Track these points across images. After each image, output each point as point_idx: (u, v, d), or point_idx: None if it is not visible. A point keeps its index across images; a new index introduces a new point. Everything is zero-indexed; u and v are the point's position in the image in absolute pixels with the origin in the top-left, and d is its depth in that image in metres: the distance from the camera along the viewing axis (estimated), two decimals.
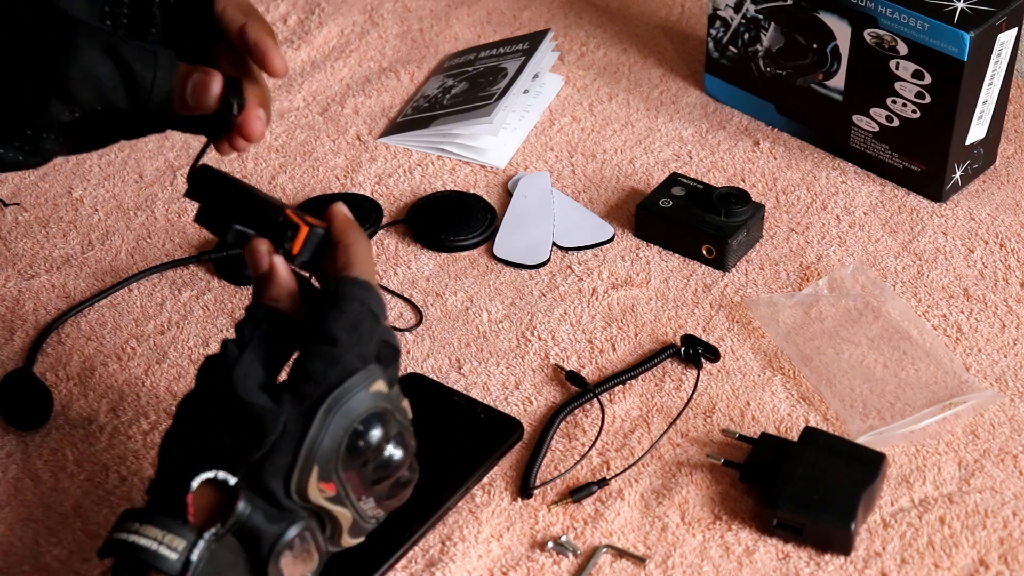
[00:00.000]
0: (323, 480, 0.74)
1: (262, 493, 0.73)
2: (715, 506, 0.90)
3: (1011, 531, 0.88)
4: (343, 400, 0.75)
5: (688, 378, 0.99)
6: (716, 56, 1.24)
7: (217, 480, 0.73)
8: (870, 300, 1.04)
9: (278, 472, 0.73)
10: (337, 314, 0.77)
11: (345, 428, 0.75)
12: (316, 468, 0.74)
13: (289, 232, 0.81)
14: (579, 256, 1.10)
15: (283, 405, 0.74)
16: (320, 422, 0.74)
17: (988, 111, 1.13)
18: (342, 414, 0.75)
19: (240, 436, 0.74)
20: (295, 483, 0.74)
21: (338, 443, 0.75)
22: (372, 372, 0.76)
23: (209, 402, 0.75)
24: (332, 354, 0.76)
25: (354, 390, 0.75)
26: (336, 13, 1.38)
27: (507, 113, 1.22)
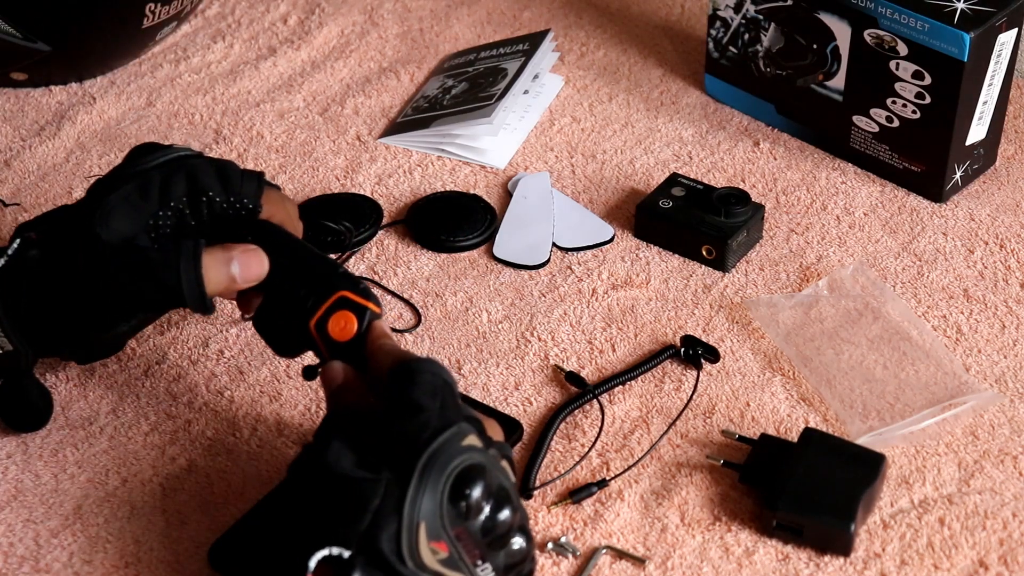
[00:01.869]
0: (433, 539, 0.74)
1: (378, 563, 0.73)
2: (715, 507, 0.90)
3: (1011, 532, 0.88)
4: (438, 456, 0.75)
5: (688, 379, 0.99)
6: (716, 56, 1.24)
7: (332, 556, 0.73)
8: (870, 301, 1.04)
9: (389, 538, 0.74)
10: (415, 386, 0.79)
11: (444, 480, 0.75)
12: (423, 525, 0.74)
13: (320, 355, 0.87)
14: (579, 256, 1.10)
15: (382, 473, 0.75)
16: (418, 478, 0.75)
17: (988, 112, 1.13)
18: (438, 468, 0.75)
19: (345, 509, 0.74)
20: (406, 545, 0.74)
21: (440, 497, 0.75)
22: (463, 428, 0.77)
23: (308, 488, 0.76)
24: (420, 418, 0.77)
25: (447, 445, 0.76)
26: (336, 13, 1.38)
27: (507, 113, 1.22)
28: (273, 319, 0.89)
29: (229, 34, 1.36)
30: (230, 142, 1.22)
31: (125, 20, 1.24)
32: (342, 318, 0.87)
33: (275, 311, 0.89)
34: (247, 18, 1.38)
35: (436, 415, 0.77)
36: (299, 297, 0.88)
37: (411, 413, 0.77)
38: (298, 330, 0.88)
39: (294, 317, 0.88)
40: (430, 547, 0.74)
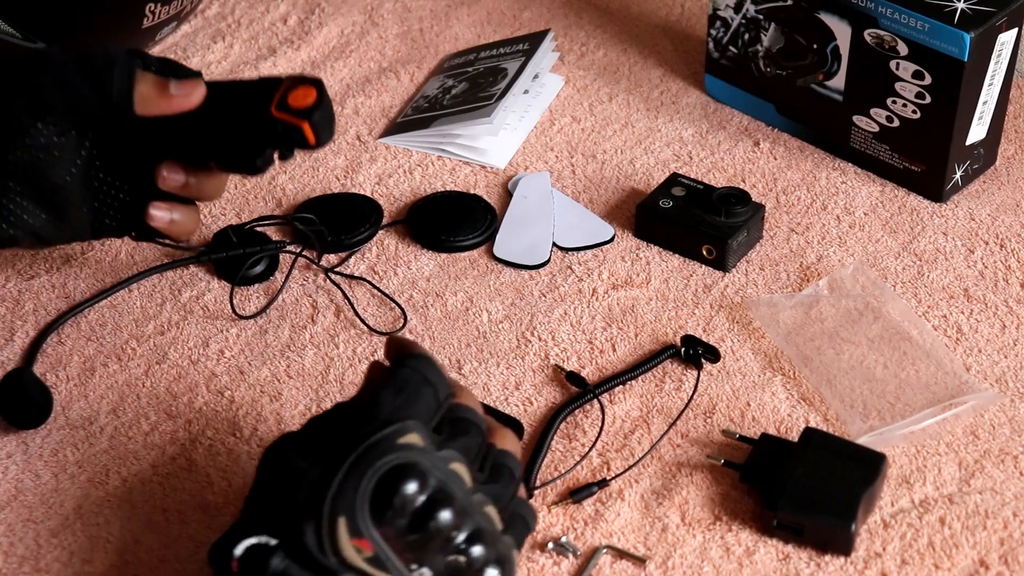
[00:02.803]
0: (354, 536, 0.72)
1: (302, 555, 0.72)
2: (715, 507, 0.90)
3: (1011, 532, 0.88)
4: (370, 452, 0.73)
5: (688, 379, 0.99)
6: (716, 56, 1.24)
7: (259, 545, 0.72)
8: (870, 300, 1.04)
9: (312, 531, 0.72)
10: (387, 381, 0.77)
11: (369, 477, 0.73)
12: (343, 520, 0.72)
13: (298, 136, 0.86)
14: (579, 256, 1.10)
15: (317, 465, 0.74)
16: (344, 473, 0.73)
17: (988, 111, 1.13)
18: (366, 464, 0.73)
19: (277, 497, 0.74)
20: (326, 538, 0.72)
21: (363, 493, 0.73)
22: (406, 426, 0.75)
23: (259, 475, 0.76)
24: (370, 413, 0.75)
25: (382, 442, 0.74)
26: (336, 13, 1.38)
27: (507, 113, 1.22)
28: (227, 122, 0.89)
29: (229, 34, 1.36)
30: None
31: (125, 20, 1.24)
32: (301, 91, 0.87)
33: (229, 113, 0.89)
34: (247, 18, 1.38)
35: (389, 411, 0.75)
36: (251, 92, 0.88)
37: (366, 407, 0.76)
38: (258, 122, 0.87)
39: (253, 109, 0.87)
40: (352, 544, 0.72)
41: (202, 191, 0.95)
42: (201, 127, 0.91)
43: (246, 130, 0.89)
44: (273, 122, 0.88)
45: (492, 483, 0.77)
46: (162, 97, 0.89)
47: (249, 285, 1.07)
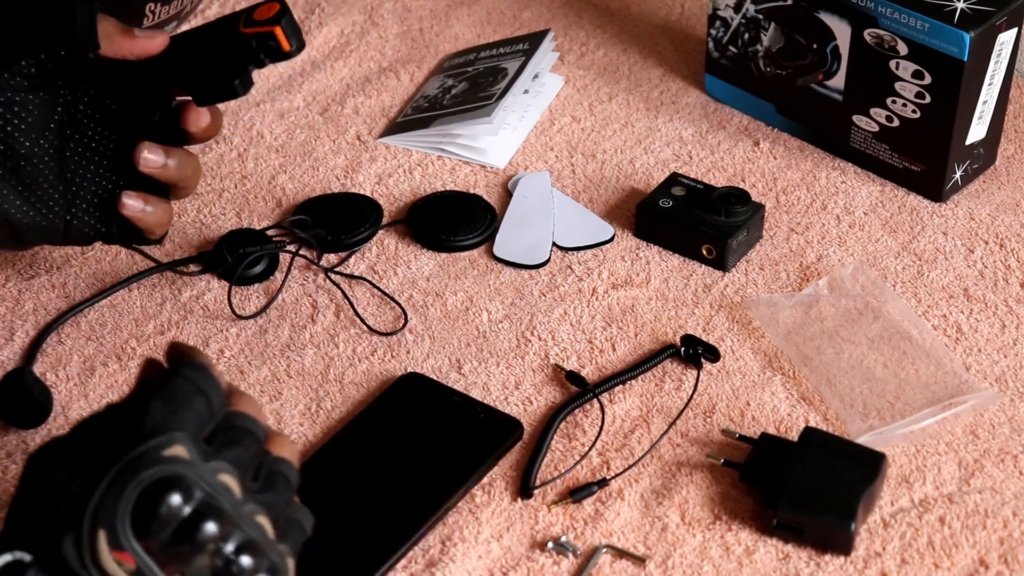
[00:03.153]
0: (115, 549, 0.69)
1: (59, 568, 0.69)
2: (715, 506, 0.90)
3: (1011, 531, 0.88)
4: (135, 464, 0.70)
5: (688, 378, 0.99)
6: (716, 56, 1.24)
7: (14, 561, 0.69)
8: (870, 300, 1.04)
9: (70, 544, 0.69)
10: (156, 391, 0.74)
11: (131, 490, 0.70)
12: (103, 533, 0.69)
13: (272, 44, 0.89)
14: (579, 256, 1.10)
15: (79, 475, 0.70)
16: (106, 485, 0.70)
17: (988, 111, 1.13)
18: (129, 476, 0.70)
19: (37, 509, 0.70)
20: (87, 551, 0.69)
21: (124, 506, 0.70)
22: (172, 437, 0.72)
23: (21, 485, 0.72)
24: (135, 424, 0.72)
25: (148, 454, 0.71)
26: (336, 13, 1.38)
27: (507, 113, 1.22)
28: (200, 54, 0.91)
29: None
30: (230, 142, 1.22)
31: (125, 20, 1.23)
32: (264, 7, 0.90)
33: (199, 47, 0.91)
34: None
35: (156, 421, 0.72)
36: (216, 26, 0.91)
37: (134, 416, 0.72)
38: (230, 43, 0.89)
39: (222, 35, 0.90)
40: (114, 558, 0.69)
41: (181, 172, 0.96)
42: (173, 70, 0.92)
43: (220, 54, 0.90)
44: (245, 38, 0.89)
45: (266, 491, 0.75)
46: (125, 36, 0.90)
47: (249, 285, 1.07)
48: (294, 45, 0.89)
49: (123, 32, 0.90)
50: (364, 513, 0.89)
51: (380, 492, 0.90)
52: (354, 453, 0.93)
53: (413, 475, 0.91)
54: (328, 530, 0.87)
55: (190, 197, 1.15)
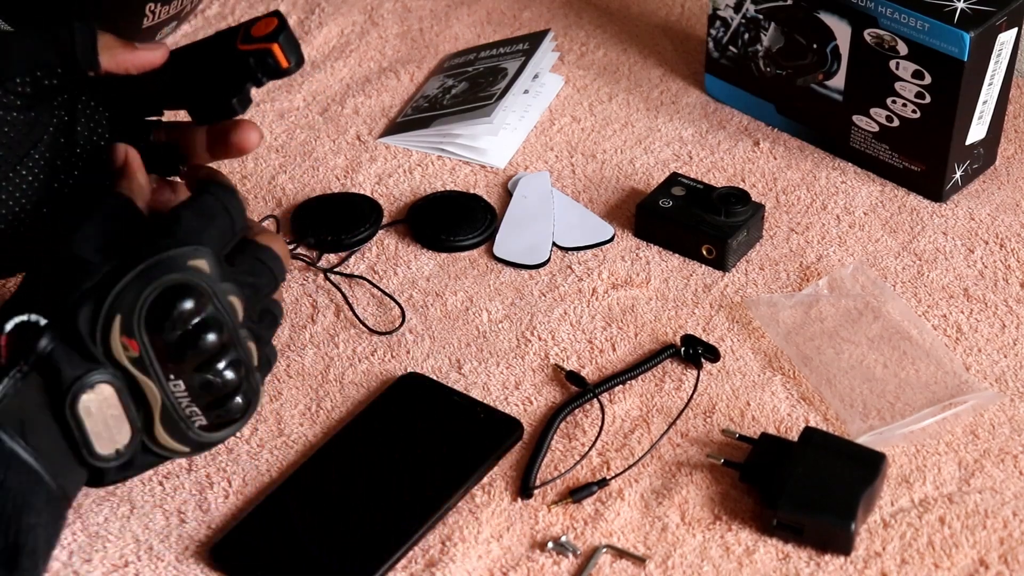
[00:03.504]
0: (125, 334, 0.77)
1: (71, 336, 0.76)
2: (715, 506, 0.90)
3: (1011, 531, 0.88)
4: (162, 264, 0.78)
5: (688, 378, 0.99)
6: (716, 56, 1.24)
7: (28, 323, 0.76)
8: (870, 300, 1.04)
9: (86, 319, 0.77)
10: (189, 202, 0.83)
11: (153, 287, 0.78)
12: (119, 317, 0.77)
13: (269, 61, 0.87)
14: (579, 256, 1.10)
15: (108, 262, 0.78)
16: (132, 277, 0.78)
17: (988, 111, 1.13)
18: (155, 274, 0.78)
19: (59, 282, 0.78)
20: (100, 328, 0.77)
21: (143, 299, 0.78)
22: (199, 251, 0.80)
23: (43, 253, 0.80)
24: (168, 228, 0.80)
25: (175, 258, 0.79)
26: (336, 13, 1.38)
27: (507, 113, 1.22)
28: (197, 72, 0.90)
29: None
30: None
31: (125, 20, 1.24)
32: (262, 23, 0.88)
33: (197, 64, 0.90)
34: (247, 18, 1.37)
35: (186, 230, 0.80)
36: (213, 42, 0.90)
37: (169, 221, 0.81)
38: (227, 61, 0.88)
39: (220, 52, 0.89)
40: (121, 341, 0.77)
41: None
42: (172, 88, 0.91)
43: (218, 72, 0.89)
44: (243, 56, 0.88)
45: (259, 324, 0.84)
46: (126, 50, 0.90)
47: None
48: (292, 62, 0.88)
49: (123, 46, 0.90)
50: (364, 513, 0.89)
51: (380, 492, 0.90)
52: (354, 453, 0.93)
53: (413, 475, 0.91)
54: (328, 530, 0.87)
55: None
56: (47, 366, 0.76)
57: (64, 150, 0.91)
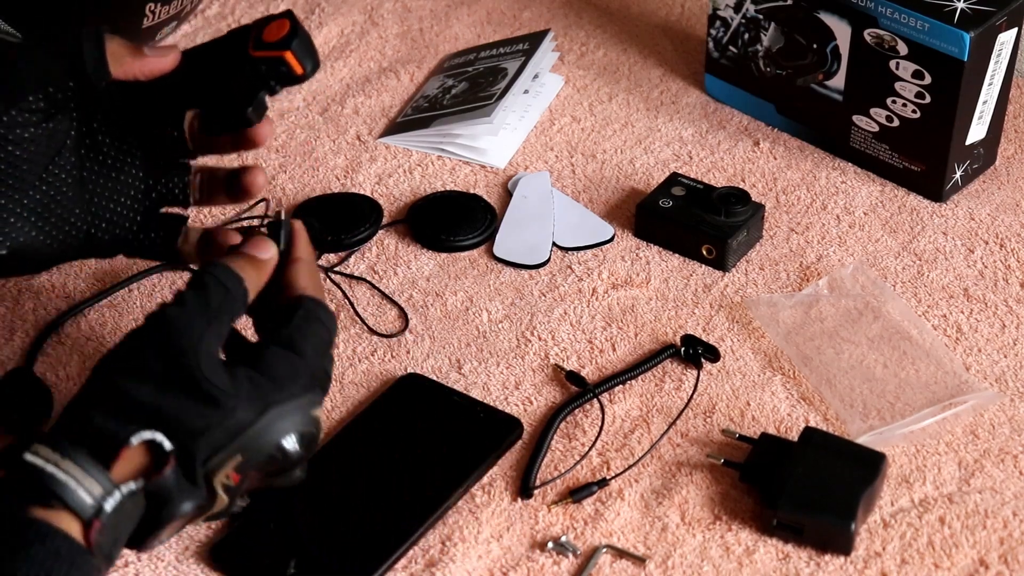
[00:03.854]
0: (237, 470, 0.76)
1: (184, 459, 0.74)
2: (715, 506, 0.90)
3: (1011, 531, 0.88)
4: (293, 412, 0.77)
5: (688, 378, 0.99)
6: (716, 56, 1.24)
7: (154, 441, 0.73)
8: (870, 300, 1.04)
9: (207, 447, 0.74)
10: (309, 330, 0.81)
11: (281, 435, 0.77)
12: (240, 457, 0.76)
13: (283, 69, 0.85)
14: (579, 256, 1.10)
15: (240, 390, 0.76)
16: (266, 421, 0.76)
17: (988, 111, 1.13)
18: (284, 423, 0.77)
19: (191, 407, 0.75)
20: (215, 461, 0.75)
21: (270, 445, 0.77)
22: (319, 397, 0.80)
23: (169, 363, 0.75)
24: (297, 365, 0.79)
25: (303, 406, 0.78)
26: (336, 13, 1.38)
27: (507, 113, 1.22)
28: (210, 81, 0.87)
29: None
30: None
31: (125, 20, 1.24)
32: (274, 26, 0.85)
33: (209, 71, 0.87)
34: (247, 18, 1.38)
35: (310, 370, 0.79)
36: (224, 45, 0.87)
37: (292, 352, 0.79)
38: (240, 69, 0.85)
39: (231, 59, 0.86)
40: (228, 474, 0.76)
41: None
42: (184, 95, 0.88)
43: (230, 81, 0.86)
44: (255, 63, 0.85)
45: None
46: (135, 56, 0.87)
47: None
48: (307, 68, 0.85)
49: (133, 52, 0.87)
50: (364, 513, 0.89)
51: (380, 492, 0.90)
52: (354, 453, 0.93)
53: (413, 475, 0.91)
54: (328, 530, 0.87)
55: None
56: (157, 492, 0.74)
57: (90, 150, 0.89)
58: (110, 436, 0.73)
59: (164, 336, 0.76)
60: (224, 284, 0.79)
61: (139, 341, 0.77)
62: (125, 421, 0.73)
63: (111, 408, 0.74)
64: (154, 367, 0.75)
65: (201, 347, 0.76)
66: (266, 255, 0.83)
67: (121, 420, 0.73)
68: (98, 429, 0.73)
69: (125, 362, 0.76)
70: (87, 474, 0.71)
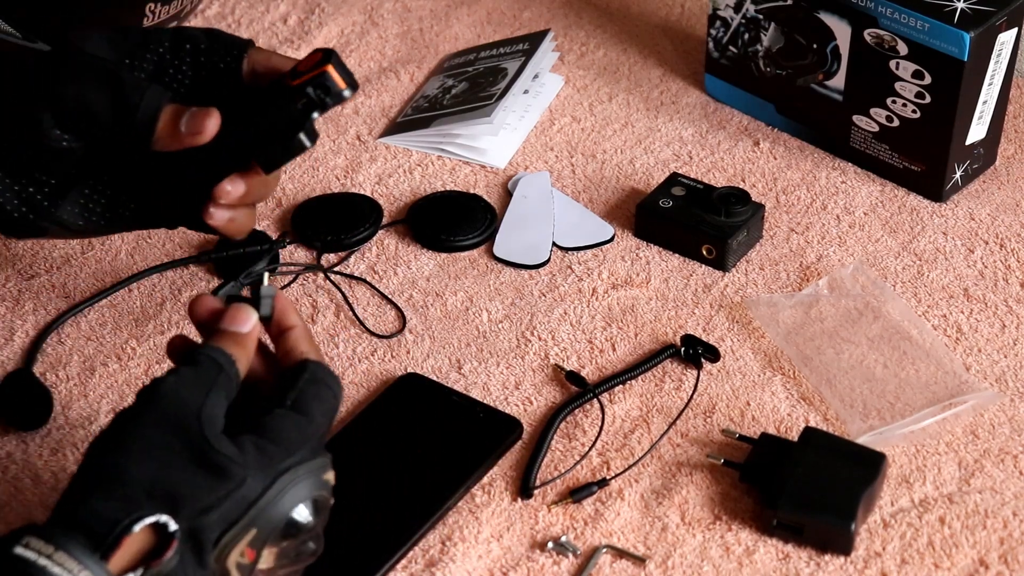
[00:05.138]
0: (251, 546, 0.72)
1: (193, 542, 0.70)
2: (715, 506, 0.90)
3: (1011, 531, 0.88)
4: (304, 477, 0.74)
5: (688, 378, 0.99)
6: (716, 56, 1.24)
7: (158, 524, 0.69)
8: (870, 300, 1.04)
9: (218, 524, 0.70)
10: (315, 393, 0.76)
11: (294, 504, 0.73)
12: (254, 532, 0.72)
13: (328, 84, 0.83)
14: (579, 256, 1.10)
15: (247, 457, 0.72)
16: (278, 489, 0.72)
17: (988, 111, 1.13)
18: (297, 490, 0.73)
19: (199, 480, 0.70)
20: (227, 540, 0.71)
21: (283, 516, 0.73)
22: (327, 462, 0.76)
23: (172, 433, 0.71)
24: (306, 429, 0.75)
25: (314, 471, 0.74)
26: (336, 13, 1.38)
27: (507, 113, 1.22)
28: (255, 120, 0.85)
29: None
30: None
31: (125, 20, 1.24)
32: (307, 59, 0.84)
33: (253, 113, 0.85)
34: (247, 18, 1.38)
35: (319, 436, 0.76)
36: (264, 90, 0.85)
37: (299, 415, 0.75)
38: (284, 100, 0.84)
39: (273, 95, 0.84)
40: (242, 552, 0.72)
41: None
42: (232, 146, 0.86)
43: (276, 114, 0.84)
44: (299, 88, 0.83)
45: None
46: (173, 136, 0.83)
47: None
48: (349, 82, 0.83)
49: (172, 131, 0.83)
50: (364, 513, 0.89)
51: (380, 492, 0.90)
52: (354, 453, 0.93)
53: (413, 475, 0.91)
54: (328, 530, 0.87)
55: None
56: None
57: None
58: (109, 522, 0.68)
59: (163, 407, 0.72)
60: (216, 360, 0.75)
61: (135, 416, 0.72)
62: (125, 503, 0.68)
63: (109, 490, 0.69)
64: (154, 440, 0.71)
65: (203, 414, 0.72)
66: (246, 327, 0.78)
67: (121, 503, 0.68)
68: (96, 515, 0.68)
69: (121, 439, 0.71)
70: (82, 566, 0.66)
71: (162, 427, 0.71)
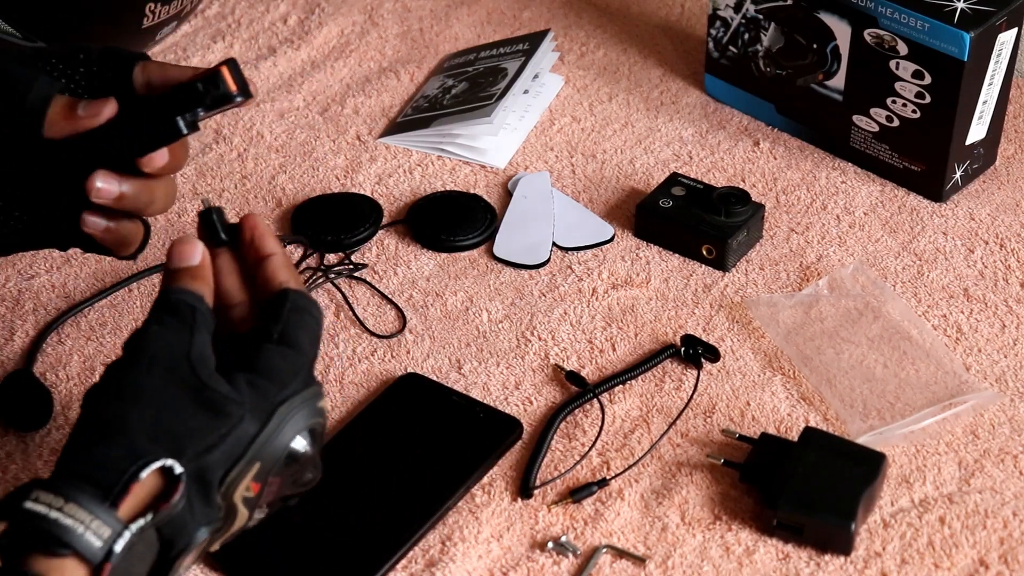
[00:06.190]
0: (256, 480, 0.73)
1: (199, 482, 0.70)
2: (715, 506, 0.90)
3: (1011, 531, 0.88)
4: (300, 408, 0.74)
5: (688, 378, 0.99)
6: (716, 56, 1.24)
7: (164, 468, 0.69)
8: (870, 300, 1.04)
9: (221, 463, 0.71)
10: (300, 322, 0.76)
11: (293, 435, 0.74)
12: (257, 466, 0.73)
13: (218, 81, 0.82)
14: (579, 256, 1.10)
15: (243, 395, 0.72)
16: (276, 422, 0.73)
17: (988, 111, 1.13)
18: (294, 421, 0.74)
19: (200, 420, 0.71)
20: (232, 477, 0.72)
21: (284, 448, 0.74)
22: (320, 389, 0.77)
23: (166, 377, 0.71)
24: (296, 360, 0.75)
25: (308, 400, 0.75)
26: (336, 13, 1.38)
27: (507, 113, 1.22)
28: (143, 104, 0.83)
29: (229, 34, 1.36)
30: (230, 141, 1.22)
31: (125, 20, 1.24)
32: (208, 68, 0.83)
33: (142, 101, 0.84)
34: (247, 18, 1.38)
35: (309, 365, 0.76)
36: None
37: (288, 348, 0.75)
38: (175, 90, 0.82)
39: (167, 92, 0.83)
40: (248, 486, 0.73)
41: (139, 202, 0.83)
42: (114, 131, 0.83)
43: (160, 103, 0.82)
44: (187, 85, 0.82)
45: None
46: (68, 119, 0.81)
47: None
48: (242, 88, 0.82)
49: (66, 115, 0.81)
50: (364, 513, 0.89)
51: (380, 492, 0.90)
52: (354, 453, 0.93)
53: (413, 475, 0.91)
54: (329, 530, 0.87)
55: (190, 196, 1.16)
56: (169, 522, 0.69)
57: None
58: (116, 471, 0.68)
59: (153, 353, 0.72)
60: (188, 302, 0.75)
61: (127, 365, 0.72)
62: (130, 450, 0.69)
63: (112, 439, 0.69)
64: (151, 385, 0.71)
65: (193, 355, 0.72)
66: (196, 259, 0.78)
67: (125, 450, 0.69)
68: (101, 464, 0.68)
69: (118, 388, 0.71)
70: (93, 516, 0.66)
71: (157, 373, 0.71)
